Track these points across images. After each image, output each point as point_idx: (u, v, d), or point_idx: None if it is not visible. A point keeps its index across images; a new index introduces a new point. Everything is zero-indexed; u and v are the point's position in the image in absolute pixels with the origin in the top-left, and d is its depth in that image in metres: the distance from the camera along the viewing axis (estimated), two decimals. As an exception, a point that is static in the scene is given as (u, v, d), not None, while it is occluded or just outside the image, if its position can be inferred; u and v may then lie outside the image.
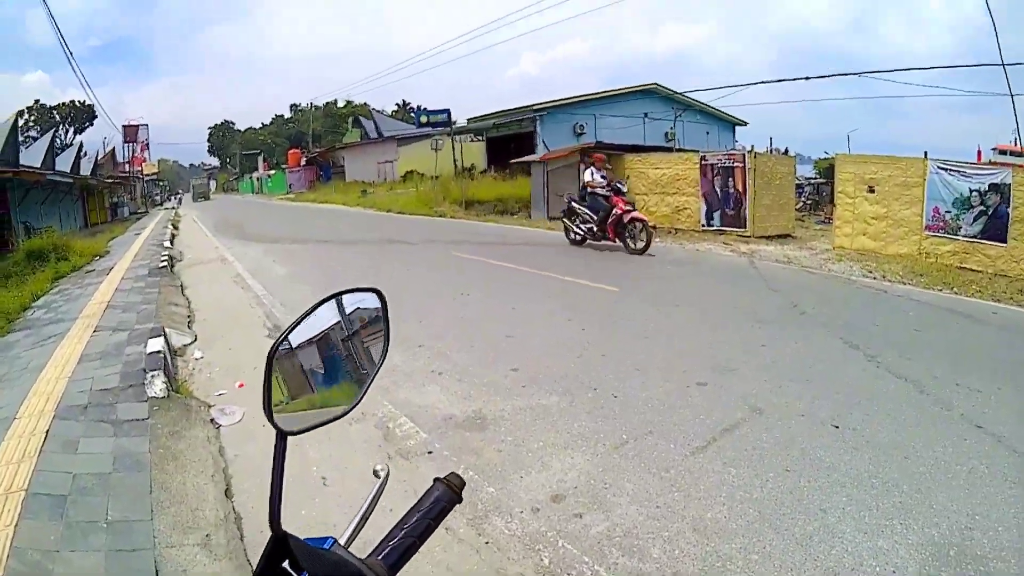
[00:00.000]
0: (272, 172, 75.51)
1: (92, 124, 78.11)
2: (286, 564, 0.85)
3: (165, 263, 15.25)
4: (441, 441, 4.59)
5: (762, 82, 30.52)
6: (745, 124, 37.51)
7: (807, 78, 33.70)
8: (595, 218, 13.69)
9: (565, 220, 14.76)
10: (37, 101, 79.05)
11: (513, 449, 4.36)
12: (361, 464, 4.44)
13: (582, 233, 14.23)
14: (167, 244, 20.31)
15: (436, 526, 1.02)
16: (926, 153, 12.46)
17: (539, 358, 6.20)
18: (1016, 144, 25.74)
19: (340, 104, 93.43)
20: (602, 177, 14.32)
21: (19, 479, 4.33)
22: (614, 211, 13.24)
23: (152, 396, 5.86)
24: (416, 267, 12.91)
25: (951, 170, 11.95)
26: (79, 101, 76.95)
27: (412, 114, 51.02)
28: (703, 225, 16.77)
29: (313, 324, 1.04)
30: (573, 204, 14.44)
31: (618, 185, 14.10)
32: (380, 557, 0.95)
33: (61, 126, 75.42)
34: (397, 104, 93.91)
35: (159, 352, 6.87)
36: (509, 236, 16.96)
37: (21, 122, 37.80)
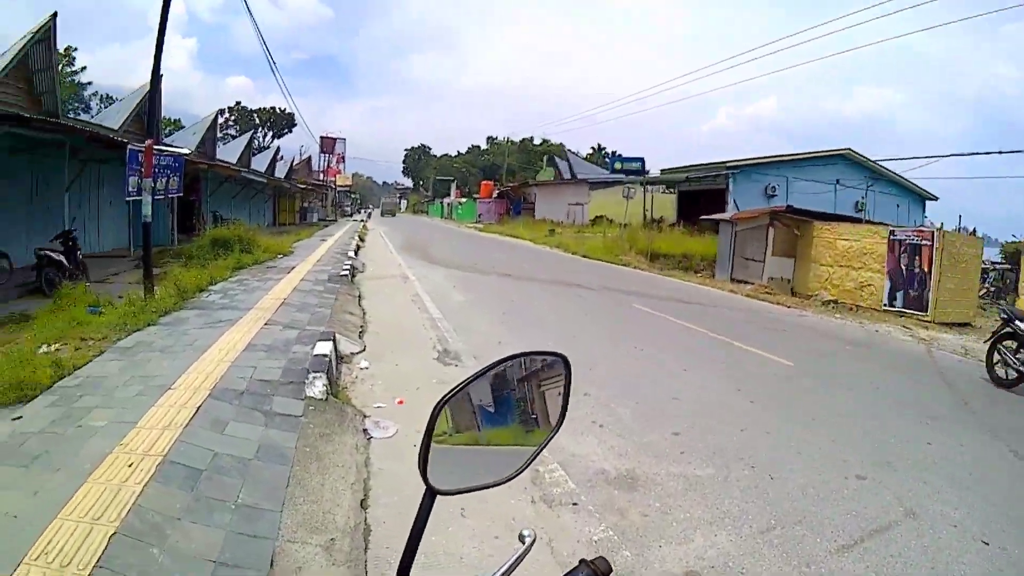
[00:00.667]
0: (463, 200, 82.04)
1: (290, 131, 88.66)
2: None
3: (347, 272, 16.91)
4: (588, 495, 4.81)
5: (955, 155, 32.56)
6: (936, 199, 38.26)
7: (1000, 152, 33.01)
8: None
9: (1000, 346, 10.11)
10: (238, 103, 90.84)
11: (659, 516, 4.53)
12: (503, 503, 4.59)
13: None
14: (351, 254, 22.48)
15: None
16: None
17: (702, 425, 6.45)
18: None
19: (536, 141, 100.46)
20: None
21: (160, 445, 4.82)
22: None
23: (310, 396, 6.43)
24: (593, 313, 13.49)
25: None
26: (279, 108, 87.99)
27: (607, 159, 53.14)
28: (884, 304, 16.96)
29: (490, 381, 1.10)
30: (1018, 324, 9.87)
31: None
32: None
33: (260, 129, 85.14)
34: (592, 147, 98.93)
35: (325, 356, 7.53)
36: (690, 294, 17.48)
37: (221, 120, 44.30)
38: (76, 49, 57.28)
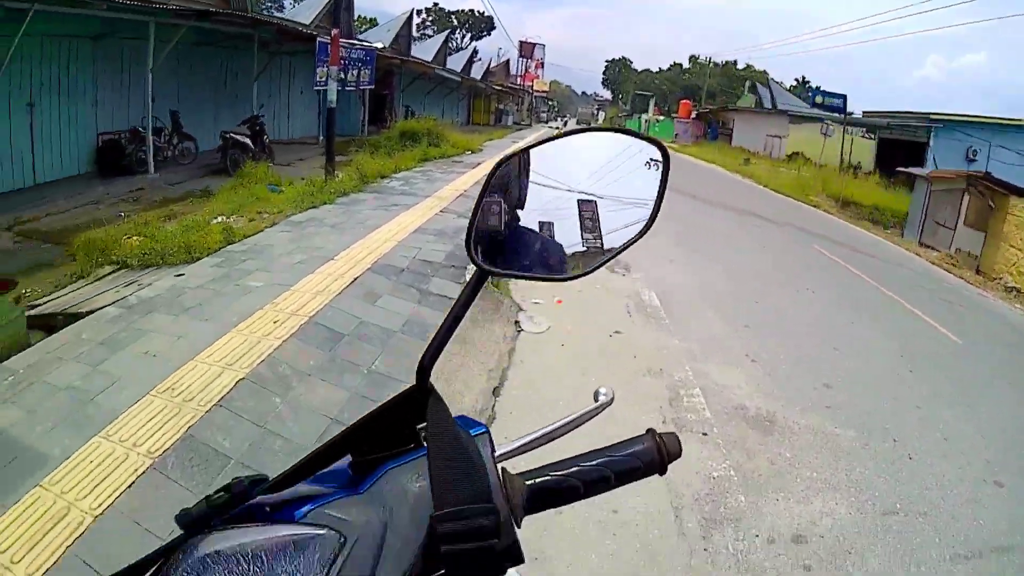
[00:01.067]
0: (661, 118, 79.94)
1: (488, 34, 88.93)
2: (421, 426, 0.84)
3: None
4: (721, 427, 4.70)
5: None
6: None
7: None
8: None
9: None
10: (436, 3, 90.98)
11: (786, 467, 4.39)
12: (635, 416, 4.52)
13: None
14: None
15: (616, 484, 0.89)
16: None
17: (854, 383, 6.16)
18: None
19: (740, 65, 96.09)
20: None
21: (309, 307, 5.04)
22: None
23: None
24: (771, 248, 13.12)
25: None
26: (478, 11, 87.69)
27: (809, 93, 50.78)
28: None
29: (562, 156, 0.96)
30: None
31: None
32: (528, 480, 0.83)
33: (457, 30, 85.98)
34: (795, 79, 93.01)
35: None
36: (873, 247, 16.52)
37: (418, 20, 45.30)
38: None
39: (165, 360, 4.02)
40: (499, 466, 0.80)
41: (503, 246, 0.92)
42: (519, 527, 0.77)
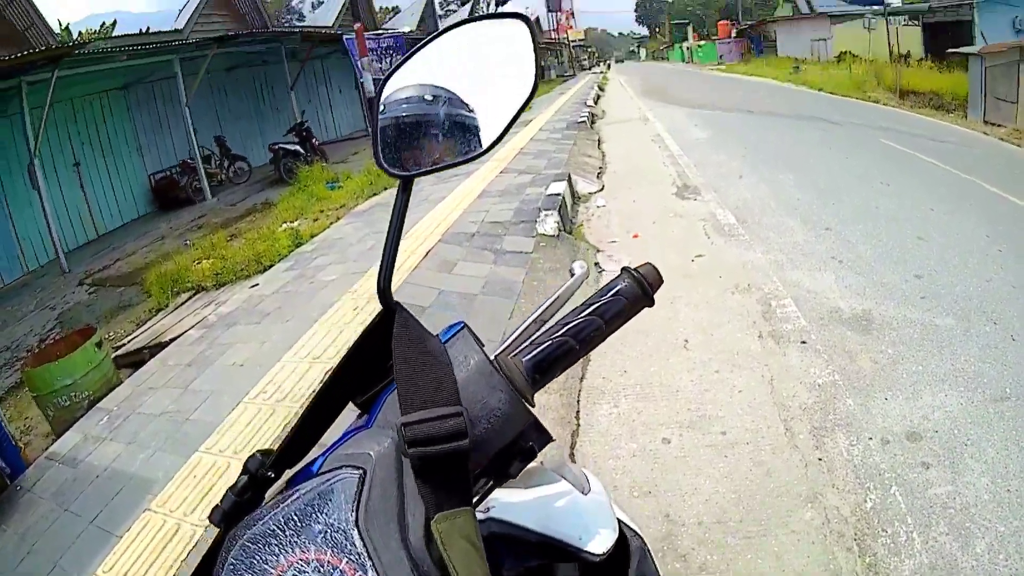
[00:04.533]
0: (702, 43, 79.59)
1: None
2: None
3: (584, 119, 16.78)
4: (819, 333, 4.66)
5: None
6: None
7: None
8: None
9: None
10: None
11: (889, 364, 4.28)
12: (728, 336, 4.45)
13: None
14: (589, 103, 22.25)
15: (610, 331, 0.88)
16: None
17: (946, 269, 5.99)
18: None
19: None
20: None
21: None
22: None
23: (542, 233, 6.39)
24: (838, 147, 12.80)
25: None
26: None
27: None
28: None
29: (438, 58, 0.98)
30: None
31: None
32: (524, 358, 0.83)
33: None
34: None
35: (558, 195, 7.52)
36: (940, 133, 15.86)
37: (439, -1, 45.53)
38: None
39: (253, 367, 4.05)
40: (490, 354, 0.81)
41: (412, 149, 0.93)
42: (532, 404, 0.78)
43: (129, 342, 5.92)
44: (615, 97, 27.59)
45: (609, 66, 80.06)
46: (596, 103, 23.42)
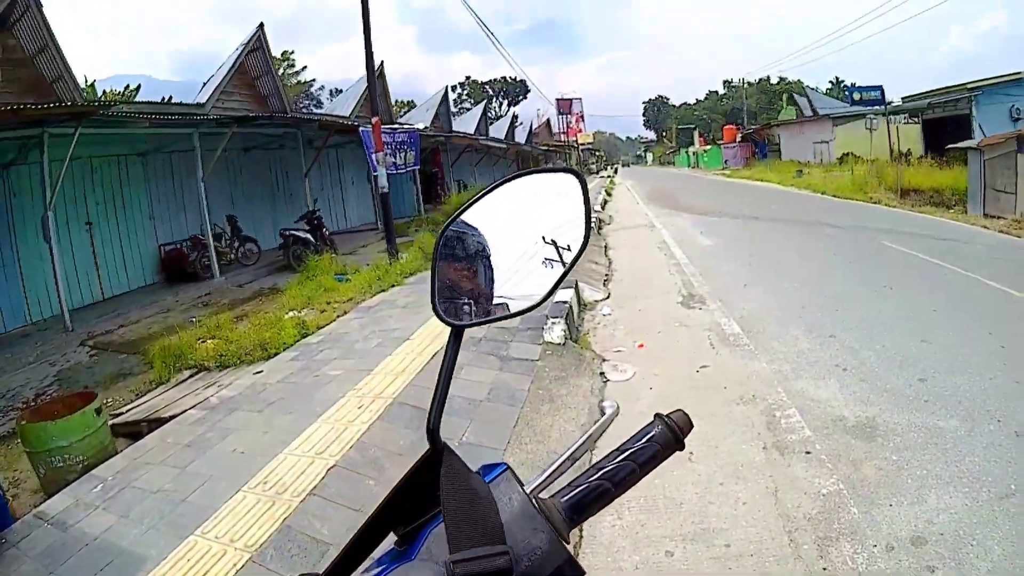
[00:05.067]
0: (708, 147, 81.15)
1: (525, 97, 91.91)
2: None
3: (592, 225, 16.99)
4: (824, 443, 4.71)
5: None
6: None
7: None
8: None
9: None
10: (468, 77, 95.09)
11: (894, 470, 4.36)
12: (734, 448, 4.50)
13: None
14: (597, 208, 22.77)
15: (643, 475, 0.96)
16: None
17: (949, 371, 6.11)
18: None
19: (773, 80, 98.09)
20: None
21: (391, 388, 5.09)
22: None
23: (548, 341, 6.51)
24: (842, 252, 13.05)
25: None
26: (510, 77, 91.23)
27: (846, 92, 52.10)
28: None
29: (494, 208, 1.04)
30: None
31: None
32: (562, 498, 0.91)
33: (494, 99, 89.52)
34: (830, 82, 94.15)
35: (565, 302, 7.64)
36: (941, 230, 16.41)
37: (453, 95, 46.96)
38: (293, 52, 64.00)
39: (253, 455, 4.09)
40: (532, 495, 0.86)
41: (466, 299, 0.99)
42: (568, 542, 0.83)
43: (127, 412, 5.95)
44: (622, 202, 28.24)
45: (616, 170, 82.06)
46: (603, 208, 23.93)
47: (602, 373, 6.08)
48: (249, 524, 3.31)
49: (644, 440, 0.97)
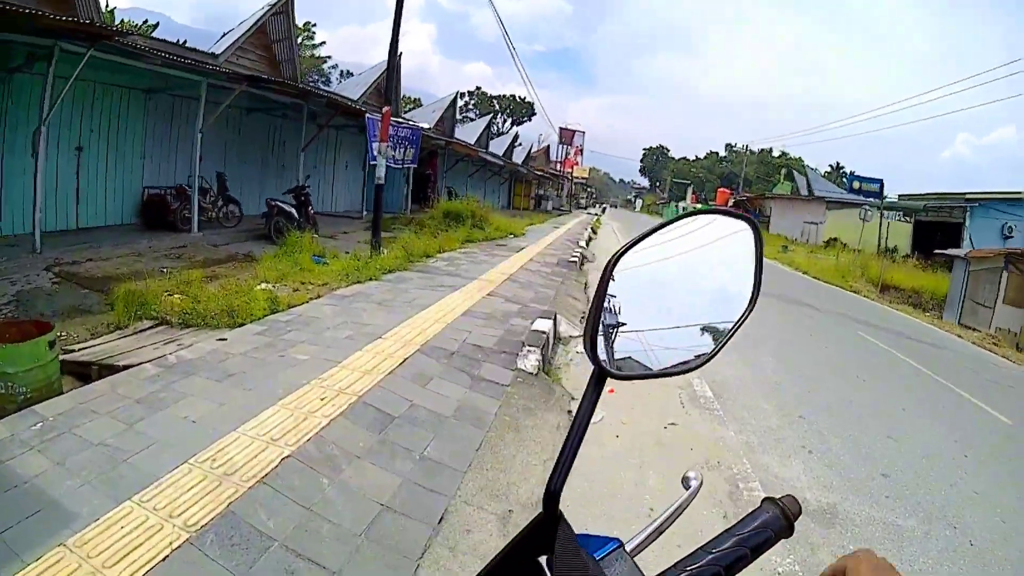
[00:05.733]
0: (699, 206, 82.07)
1: (529, 120, 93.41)
2: (542, 559, 0.82)
3: (576, 259, 17.20)
4: None
5: None
6: None
7: None
8: None
9: None
10: (478, 88, 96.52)
11: None
12: (695, 512, 4.37)
13: None
14: (582, 244, 22.84)
15: (753, 559, 0.94)
16: None
17: (912, 470, 6.33)
18: None
19: (775, 153, 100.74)
20: None
21: (357, 386, 4.96)
22: None
23: (521, 368, 6.42)
24: (819, 335, 13.43)
25: None
26: (519, 96, 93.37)
27: (844, 179, 53.48)
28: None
29: (664, 244, 0.98)
30: None
31: None
32: None
33: (499, 115, 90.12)
34: (830, 165, 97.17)
35: (543, 332, 7.58)
36: (916, 331, 17.07)
37: (460, 103, 47.19)
38: (315, 25, 63.75)
39: (206, 428, 3.93)
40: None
41: (624, 343, 0.95)
42: None
43: (80, 351, 5.70)
44: (606, 242, 28.48)
45: (604, 210, 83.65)
46: (587, 245, 24.02)
47: (570, 411, 5.98)
48: (192, 501, 3.15)
49: (756, 524, 0.96)
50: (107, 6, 25.41)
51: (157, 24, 33.30)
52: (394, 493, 3.64)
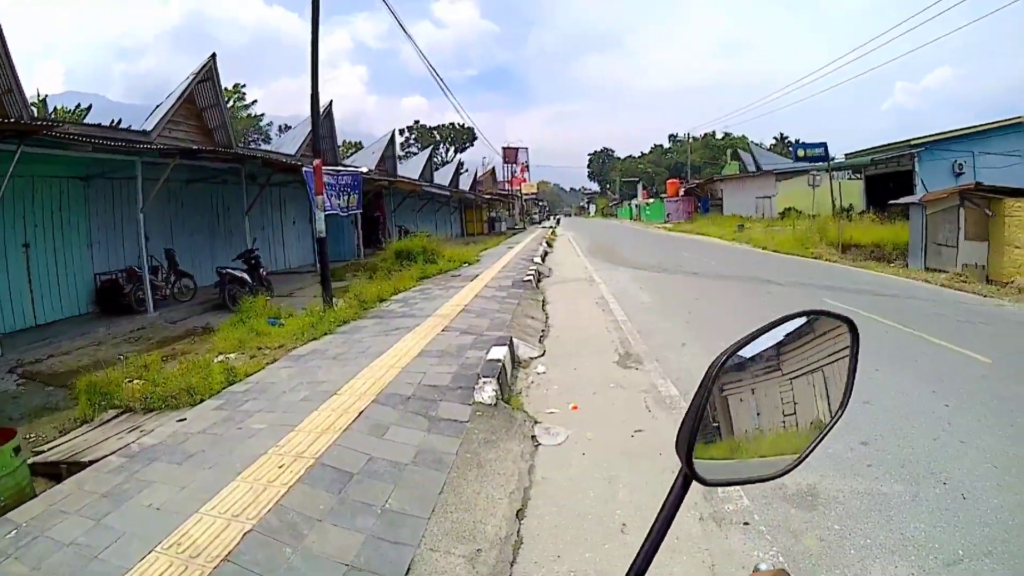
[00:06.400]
0: (651, 200, 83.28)
1: (472, 144, 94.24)
2: None
3: (531, 277, 17.34)
4: (762, 513, 4.60)
5: None
6: None
7: None
8: None
9: None
10: (416, 121, 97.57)
11: (836, 541, 4.25)
12: (679, 514, 4.35)
13: None
14: (537, 260, 23.00)
15: None
16: None
17: (892, 433, 6.19)
18: None
19: (718, 136, 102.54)
20: None
21: (314, 448, 5.06)
22: None
23: (479, 401, 6.51)
24: (781, 312, 12.99)
25: None
26: (458, 124, 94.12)
27: (790, 148, 53.91)
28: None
29: (762, 347, 1.00)
30: None
31: None
32: None
33: (441, 144, 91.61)
34: (775, 138, 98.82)
35: (498, 361, 7.67)
36: (882, 285, 16.97)
37: (401, 139, 47.67)
38: (244, 85, 64.30)
39: (169, 513, 4.03)
40: None
41: (711, 447, 0.96)
42: None
43: (49, 451, 5.83)
44: (562, 254, 28.69)
45: (559, 220, 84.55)
46: (544, 260, 24.20)
47: (534, 436, 6.06)
48: (158, 591, 3.24)
49: None
50: (39, 96, 25.32)
51: (90, 107, 33.25)
52: (358, 552, 3.72)
